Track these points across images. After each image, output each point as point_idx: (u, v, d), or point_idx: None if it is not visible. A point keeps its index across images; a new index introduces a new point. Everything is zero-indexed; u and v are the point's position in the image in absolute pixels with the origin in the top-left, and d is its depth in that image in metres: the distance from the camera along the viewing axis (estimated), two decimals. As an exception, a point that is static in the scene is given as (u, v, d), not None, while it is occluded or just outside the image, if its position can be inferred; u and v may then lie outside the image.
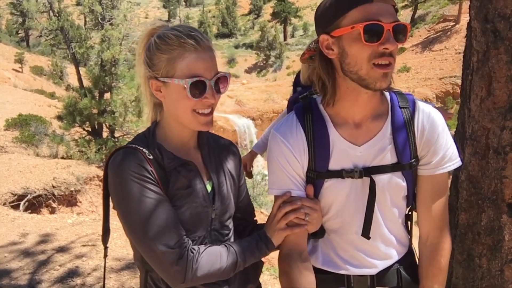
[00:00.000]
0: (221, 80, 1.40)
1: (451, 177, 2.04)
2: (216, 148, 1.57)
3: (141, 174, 1.31)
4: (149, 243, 1.31)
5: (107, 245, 1.56)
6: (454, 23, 34.51)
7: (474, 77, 1.74)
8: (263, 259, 1.59)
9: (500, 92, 1.62)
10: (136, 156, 1.34)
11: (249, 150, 3.19)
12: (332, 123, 1.47)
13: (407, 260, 1.61)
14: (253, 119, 33.59)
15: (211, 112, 1.41)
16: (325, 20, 1.37)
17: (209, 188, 1.48)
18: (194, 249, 1.37)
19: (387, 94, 1.51)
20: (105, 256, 1.57)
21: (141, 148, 1.36)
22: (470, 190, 1.81)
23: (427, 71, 31.68)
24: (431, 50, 33.83)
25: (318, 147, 1.46)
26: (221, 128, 31.95)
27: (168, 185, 1.37)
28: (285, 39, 53.54)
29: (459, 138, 1.93)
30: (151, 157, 1.36)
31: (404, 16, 43.16)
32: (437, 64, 31.67)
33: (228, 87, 1.43)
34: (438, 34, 35.18)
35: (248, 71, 48.88)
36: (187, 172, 1.42)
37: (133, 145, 1.38)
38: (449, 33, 33.91)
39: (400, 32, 1.31)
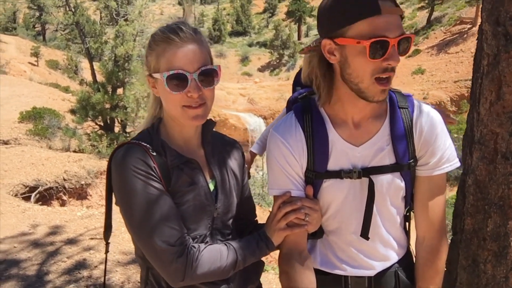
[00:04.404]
0: (209, 73, 1.37)
1: (454, 180, 2.02)
2: (220, 146, 1.57)
3: (144, 170, 1.31)
4: (149, 239, 1.31)
5: (109, 241, 1.56)
6: (471, 26, 34.10)
7: (484, 80, 1.72)
8: (267, 257, 1.58)
9: (509, 97, 1.60)
10: (139, 151, 1.34)
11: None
12: (331, 123, 1.47)
13: (405, 261, 1.60)
14: (265, 118, 33.56)
15: (202, 105, 1.37)
16: (330, 24, 1.34)
17: (211, 186, 1.48)
18: (195, 247, 1.36)
19: None
20: (107, 252, 1.58)
21: (145, 144, 1.37)
22: (477, 195, 1.79)
23: (442, 73, 31.37)
24: (446, 52, 33.47)
25: (317, 148, 1.46)
26: (233, 126, 31.99)
27: (170, 181, 1.37)
28: (299, 38, 53.38)
29: (468, 142, 1.91)
30: (154, 153, 1.36)
31: (420, 17, 42.78)
32: (453, 67, 31.34)
33: (219, 80, 1.40)
34: (455, 36, 34.79)
35: (261, 69, 48.86)
36: (189, 170, 1.42)
37: (137, 141, 1.38)
38: (465, 35, 33.52)
39: (404, 45, 1.30)
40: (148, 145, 1.37)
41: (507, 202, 1.65)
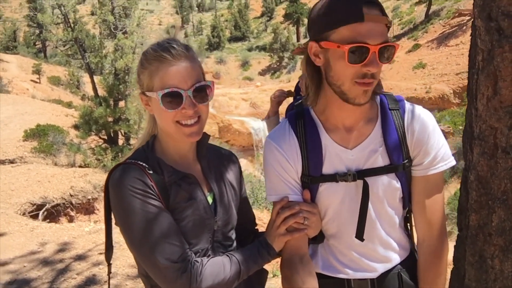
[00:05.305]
0: (203, 89, 1.38)
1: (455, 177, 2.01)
2: (216, 159, 1.57)
3: (141, 189, 1.32)
4: (151, 257, 1.31)
5: (111, 262, 1.55)
6: (469, 18, 33.94)
7: (480, 76, 1.72)
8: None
9: (506, 91, 1.59)
10: (135, 171, 1.34)
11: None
12: (323, 128, 1.49)
13: (408, 262, 1.60)
14: (268, 121, 33.46)
15: (197, 123, 1.39)
16: (316, 28, 1.39)
17: (210, 200, 1.48)
18: (197, 261, 1.36)
19: (377, 97, 1.52)
20: (109, 273, 1.57)
21: (141, 163, 1.37)
22: (480, 191, 1.78)
23: (444, 66, 31.22)
24: (446, 45, 33.32)
25: (311, 152, 1.47)
26: (237, 131, 32.01)
27: (169, 198, 1.37)
28: (298, 40, 53.39)
29: (467, 138, 1.90)
30: (151, 171, 1.36)
31: (418, 12, 42.69)
32: (454, 60, 31.18)
33: (212, 95, 1.41)
34: (454, 29, 34.65)
35: (262, 73, 48.88)
36: (187, 185, 1.42)
37: (133, 160, 1.38)
38: (464, 27, 33.35)
39: (386, 53, 1.32)
40: (144, 164, 1.37)
41: (511, 196, 1.64)
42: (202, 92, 1.38)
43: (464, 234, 1.93)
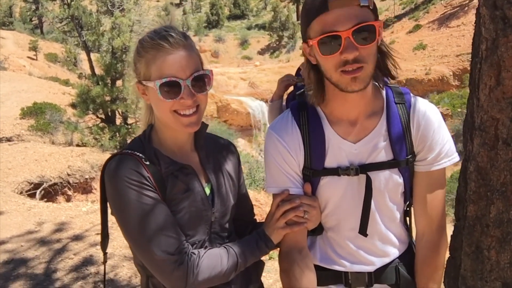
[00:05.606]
0: (201, 78, 1.35)
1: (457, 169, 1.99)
2: (214, 149, 1.55)
3: (137, 180, 1.30)
4: (147, 250, 1.30)
5: (106, 251, 1.54)
6: (471, -2, 33.60)
7: (483, 65, 1.69)
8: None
9: (509, 82, 1.57)
10: (132, 162, 1.32)
11: (263, 132, 3.17)
12: (327, 120, 1.46)
13: (406, 257, 1.59)
14: (267, 101, 33.36)
15: (196, 112, 1.36)
16: (302, 29, 1.39)
17: (207, 191, 1.47)
18: (194, 253, 1.36)
19: (383, 90, 1.49)
20: (105, 261, 1.56)
21: (137, 154, 1.35)
22: (479, 182, 1.77)
23: (444, 48, 30.99)
24: (447, 26, 33.01)
25: (314, 145, 1.45)
26: (235, 111, 31.94)
27: (166, 190, 1.35)
28: (298, 19, 52.82)
29: (468, 128, 1.89)
30: (147, 162, 1.33)
31: (420, -8, 42.19)
32: (454, 41, 30.94)
33: (211, 84, 1.38)
34: (455, 9, 34.29)
35: (261, 52, 48.53)
36: (184, 176, 1.40)
37: (129, 151, 1.36)
38: (466, 8, 33.01)
39: (365, 33, 1.26)
40: (141, 155, 1.35)
41: (510, 188, 1.63)
42: (201, 81, 1.35)
43: (461, 224, 1.93)
